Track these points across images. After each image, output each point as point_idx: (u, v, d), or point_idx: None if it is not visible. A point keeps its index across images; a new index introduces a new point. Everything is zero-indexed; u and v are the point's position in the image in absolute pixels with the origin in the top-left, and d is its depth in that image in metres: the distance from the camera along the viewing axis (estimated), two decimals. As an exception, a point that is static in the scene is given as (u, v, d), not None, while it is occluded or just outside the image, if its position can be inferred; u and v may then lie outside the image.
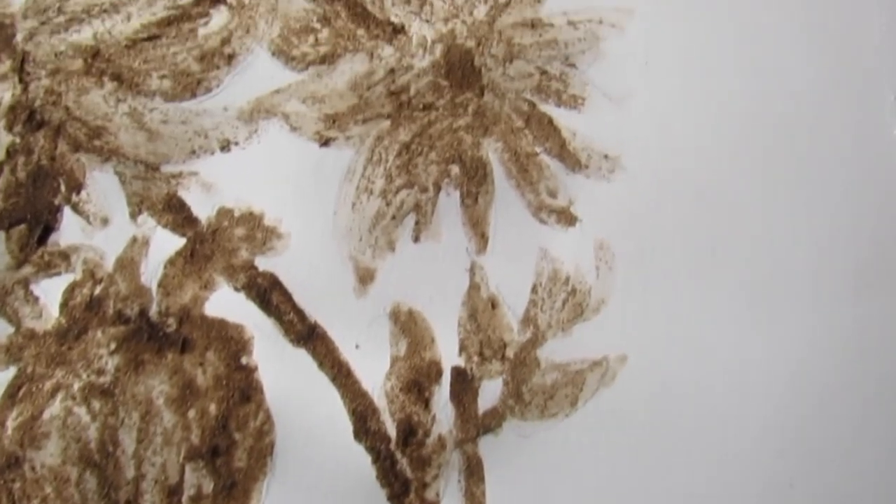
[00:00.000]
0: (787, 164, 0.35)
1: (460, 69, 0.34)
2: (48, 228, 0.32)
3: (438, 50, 0.34)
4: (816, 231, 0.35)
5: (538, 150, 0.34)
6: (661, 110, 0.34)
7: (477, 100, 0.34)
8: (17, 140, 0.32)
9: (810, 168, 0.35)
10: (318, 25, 0.34)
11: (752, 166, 0.34)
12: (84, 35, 0.33)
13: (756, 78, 0.35)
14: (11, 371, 0.32)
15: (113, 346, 0.32)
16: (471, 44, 0.34)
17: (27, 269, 0.32)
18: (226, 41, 0.33)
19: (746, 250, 0.34)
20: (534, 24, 0.35)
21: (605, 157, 0.34)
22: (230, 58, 0.33)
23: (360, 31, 0.34)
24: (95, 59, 0.32)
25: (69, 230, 0.32)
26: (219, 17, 0.33)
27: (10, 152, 0.32)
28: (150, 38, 0.33)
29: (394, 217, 0.33)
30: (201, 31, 0.33)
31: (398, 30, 0.34)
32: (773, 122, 0.35)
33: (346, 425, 0.32)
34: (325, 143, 0.33)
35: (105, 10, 0.33)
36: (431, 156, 0.33)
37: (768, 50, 0.35)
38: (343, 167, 0.33)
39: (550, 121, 0.34)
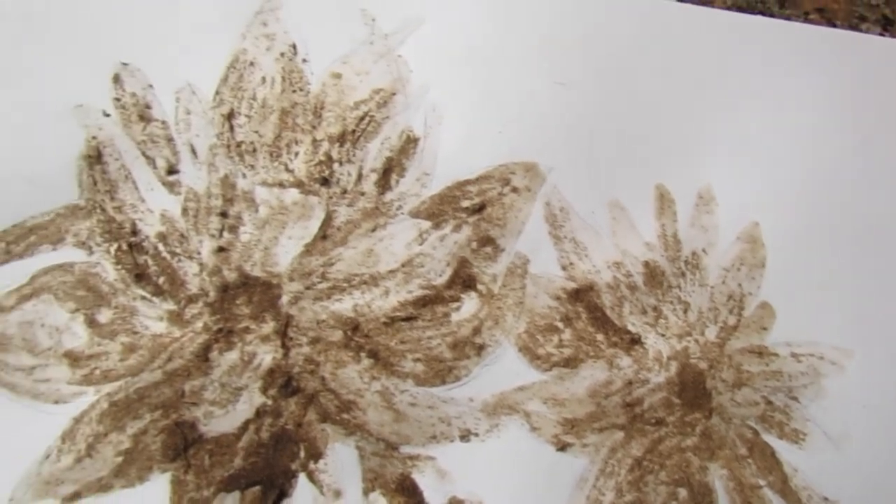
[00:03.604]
0: None
1: (693, 389, 0.35)
2: (282, 494, 0.32)
3: (673, 367, 0.35)
4: None
5: (761, 482, 0.34)
6: (879, 458, 0.35)
7: (705, 421, 0.35)
8: (269, 402, 0.33)
9: None
10: (560, 325, 0.35)
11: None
12: (345, 305, 0.34)
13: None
14: None
15: None
16: (703, 365, 0.35)
17: (255, 534, 0.32)
18: (477, 331, 0.34)
19: None
20: (760, 353, 0.36)
21: (825, 499, 0.34)
22: (480, 349, 0.34)
23: (600, 337, 0.35)
24: (355, 333, 0.34)
25: (301, 498, 0.32)
26: (470, 304, 0.35)
27: (260, 412, 0.33)
28: (407, 319, 0.34)
29: (619, 533, 0.33)
30: (454, 317, 0.35)
31: (635, 340, 0.35)
32: None
33: None
34: (562, 448, 0.34)
35: (365, 282, 0.35)
36: (661, 475, 0.34)
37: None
38: (576, 474, 0.33)
39: (773, 453, 0.35)
